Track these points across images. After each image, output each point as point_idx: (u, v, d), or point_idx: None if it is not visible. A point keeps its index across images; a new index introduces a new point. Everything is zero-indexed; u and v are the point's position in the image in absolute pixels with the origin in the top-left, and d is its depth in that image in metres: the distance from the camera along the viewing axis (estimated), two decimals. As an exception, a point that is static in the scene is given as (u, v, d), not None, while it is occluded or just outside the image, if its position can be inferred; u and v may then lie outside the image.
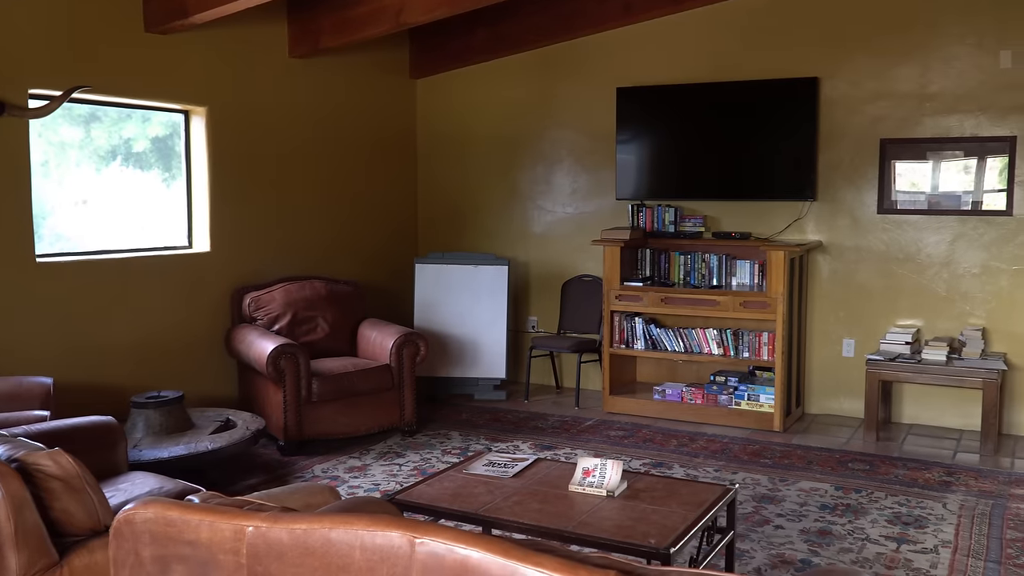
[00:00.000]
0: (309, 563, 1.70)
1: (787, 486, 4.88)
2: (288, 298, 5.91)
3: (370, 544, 1.66)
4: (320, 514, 1.78)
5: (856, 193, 6.23)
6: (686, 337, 6.33)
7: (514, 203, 7.45)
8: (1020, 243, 5.80)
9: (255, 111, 6.15)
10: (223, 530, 1.78)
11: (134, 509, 1.88)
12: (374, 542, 1.65)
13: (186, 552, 1.82)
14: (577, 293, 7.06)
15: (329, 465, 5.25)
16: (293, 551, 1.72)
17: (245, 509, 1.85)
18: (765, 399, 6.04)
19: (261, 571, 1.74)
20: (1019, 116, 5.75)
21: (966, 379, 5.58)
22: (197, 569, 1.80)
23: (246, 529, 1.77)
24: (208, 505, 1.87)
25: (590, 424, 6.19)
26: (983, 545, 4.06)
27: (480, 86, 7.47)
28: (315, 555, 1.69)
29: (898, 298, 6.16)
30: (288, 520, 1.75)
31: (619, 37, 6.85)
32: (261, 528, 1.76)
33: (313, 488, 2.74)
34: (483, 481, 3.56)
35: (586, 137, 7.09)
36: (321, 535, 1.70)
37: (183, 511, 1.83)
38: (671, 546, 2.90)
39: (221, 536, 1.78)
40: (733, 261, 6.38)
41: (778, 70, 6.31)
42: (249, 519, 1.78)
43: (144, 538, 1.86)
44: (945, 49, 5.91)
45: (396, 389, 5.79)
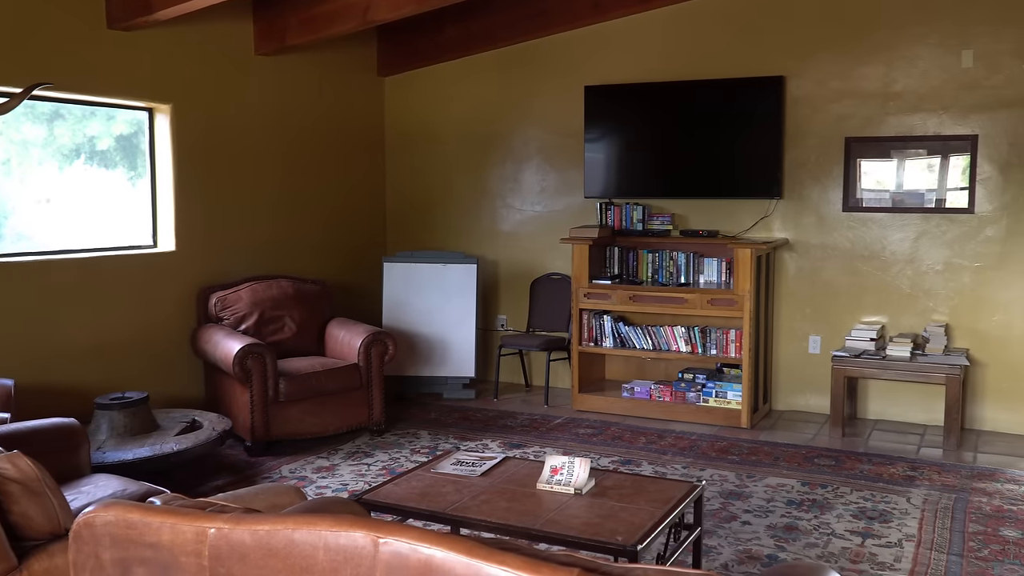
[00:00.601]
0: (272, 564, 1.68)
1: (754, 482, 4.91)
2: (255, 297, 5.86)
3: (334, 544, 1.65)
4: (283, 515, 1.76)
5: (822, 191, 6.28)
6: (654, 335, 6.36)
7: (483, 201, 7.44)
8: (982, 240, 5.88)
9: (220, 109, 6.09)
10: (185, 532, 1.76)
11: (94, 512, 1.85)
12: (338, 542, 1.64)
13: (147, 555, 1.80)
14: (546, 291, 7.07)
15: (297, 465, 5.22)
16: (256, 552, 1.70)
17: (207, 511, 1.83)
18: (733, 396, 6.08)
19: (224, 573, 1.72)
20: (980, 115, 5.84)
21: (930, 375, 5.65)
22: (159, 572, 1.78)
23: (208, 531, 1.75)
24: (170, 507, 1.85)
25: (559, 422, 6.20)
26: (946, 538, 4.12)
27: (448, 84, 7.45)
28: (278, 556, 1.68)
29: (863, 295, 6.23)
30: (251, 521, 1.73)
31: (588, 35, 6.87)
32: (223, 530, 1.74)
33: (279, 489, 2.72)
34: (451, 480, 3.55)
35: (555, 135, 7.10)
36: (284, 536, 1.69)
37: (144, 513, 1.81)
38: (638, 543, 2.91)
39: (183, 538, 1.77)
40: (701, 259, 6.42)
41: (745, 69, 6.35)
42: (211, 521, 1.76)
43: (104, 541, 1.83)
44: (908, 49, 5.98)
45: (364, 388, 5.77)
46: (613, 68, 6.79)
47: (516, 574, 1.51)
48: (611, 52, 6.81)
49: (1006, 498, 4.64)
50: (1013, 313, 5.83)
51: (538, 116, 7.17)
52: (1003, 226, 5.83)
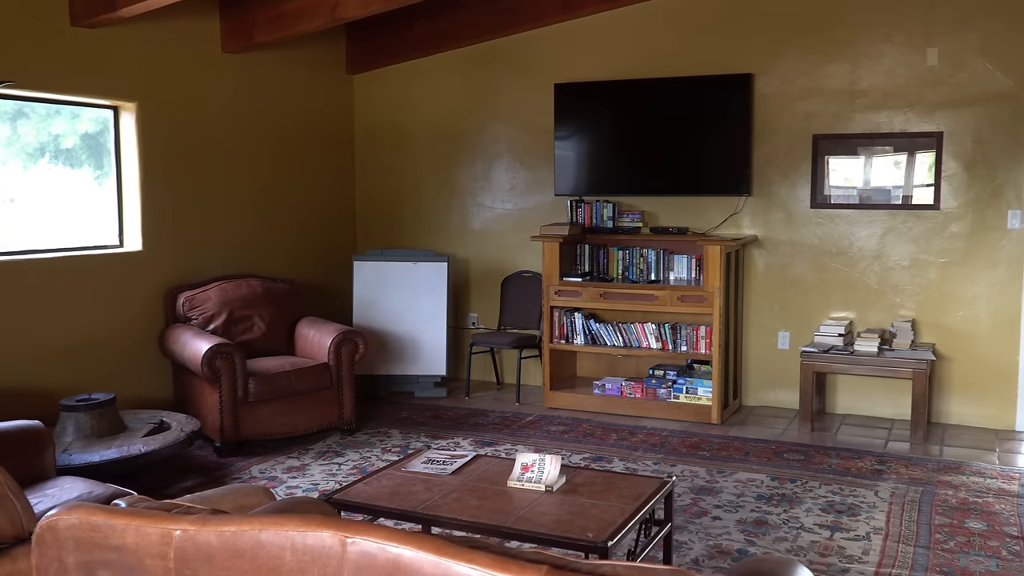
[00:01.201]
0: (239, 566, 1.67)
1: (724, 477, 4.94)
2: (223, 297, 5.81)
3: (301, 545, 1.64)
4: (250, 516, 1.75)
5: (790, 188, 6.33)
6: (625, 332, 6.38)
7: (453, 199, 7.42)
8: (947, 236, 5.96)
9: (187, 107, 6.03)
10: (150, 534, 1.74)
11: (57, 515, 1.83)
12: (305, 543, 1.63)
13: (112, 558, 1.77)
14: (517, 289, 7.07)
15: (267, 466, 5.18)
16: (222, 554, 1.68)
17: (173, 512, 1.81)
18: (703, 392, 6.11)
19: (190, 575, 1.71)
20: (945, 112, 5.91)
21: (897, 370, 5.72)
22: (123, 575, 1.76)
23: (173, 533, 1.73)
24: (134, 509, 1.83)
25: (531, 420, 6.20)
26: (912, 531, 4.16)
27: (418, 81, 7.42)
28: (245, 557, 1.66)
29: (831, 291, 6.28)
30: (217, 523, 1.72)
31: (557, 33, 6.87)
32: (189, 531, 1.72)
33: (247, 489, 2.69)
34: (421, 479, 3.54)
35: (525, 133, 7.10)
36: (251, 537, 1.68)
37: (108, 516, 1.79)
38: (608, 540, 2.92)
39: (148, 540, 1.75)
40: (670, 256, 6.44)
41: (713, 66, 6.39)
42: (177, 522, 1.74)
43: (68, 544, 1.81)
44: (874, 47, 6.04)
45: (335, 388, 5.74)
46: (582, 66, 6.80)
47: (485, 572, 1.51)
48: (580, 50, 6.82)
49: (971, 490, 4.71)
50: (978, 308, 5.91)
51: (508, 114, 7.16)
52: (968, 222, 5.90)
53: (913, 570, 3.74)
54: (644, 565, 1.58)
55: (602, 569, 1.55)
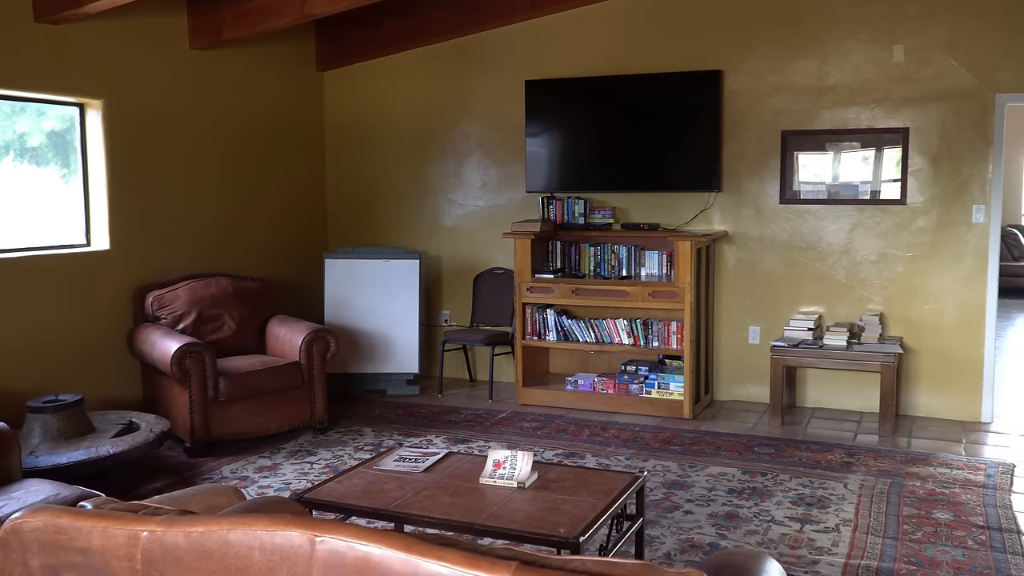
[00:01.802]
0: (207, 566, 1.66)
1: (696, 472, 4.98)
2: (193, 296, 5.76)
3: (269, 544, 1.63)
4: (218, 516, 1.74)
5: (760, 184, 6.38)
6: (597, 328, 6.40)
7: (425, 197, 7.41)
8: (914, 231, 6.03)
9: (155, 104, 5.97)
10: (116, 536, 1.73)
11: (21, 518, 1.81)
12: (273, 542, 1.63)
13: (78, 560, 1.76)
14: (489, 286, 7.07)
15: (238, 466, 5.15)
16: (190, 555, 1.67)
17: (140, 514, 1.80)
18: (675, 387, 6.15)
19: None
20: (912, 108, 5.97)
21: (865, 363, 5.78)
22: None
23: (140, 534, 1.72)
24: (101, 511, 1.81)
25: (504, 416, 6.21)
26: (881, 522, 4.21)
27: (389, 79, 7.40)
28: (213, 558, 1.65)
29: (801, 286, 6.34)
30: (184, 523, 1.71)
31: (527, 30, 6.87)
32: (156, 532, 1.71)
33: (216, 490, 2.68)
34: (393, 477, 3.53)
35: (496, 130, 7.10)
36: (219, 537, 1.67)
37: (74, 518, 1.77)
38: (580, 535, 2.93)
39: (114, 542, 1.73)
40: (642, 252, 6.47)
41: (683, 63, 6.42)
42: (144, 524, 1.73)
43: (33, 547, 1.79)
44: (841, 43, 6.10)
45: (306, 386, 5.71)
46: (553, 62, 6.80)
47: (455, 570, 1.51)
48: (551, 46, 6.83)
49: (939, 481, 4.77)
50: (944, 302, 5.98)
51: (479, 111, 7.16)
52: (934, 216, 5.98)
53: (882, 561, 3.78)
54: (613, 560, 1.59)
55: (571, 565, 1.55)
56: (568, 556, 1.69)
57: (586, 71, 6.68)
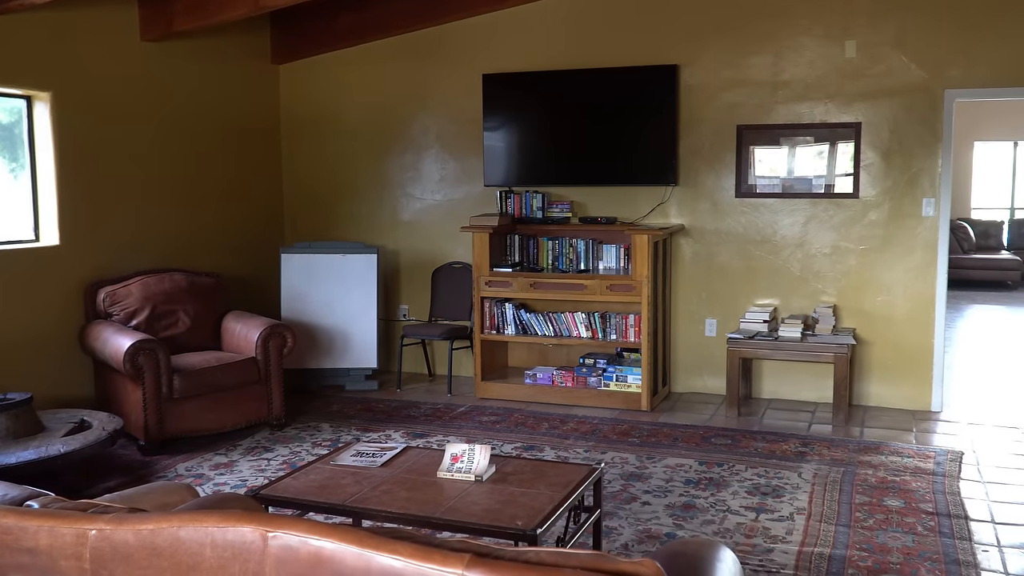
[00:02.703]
0: (157, 564, 1.64)
1: (654, 463, 5.01)
2: (146, 292, 5.68)
3: (221, 541, 1.62)
4: (169, 513, 1.72)
5: (716, 178, 6.43)
6: (555, 321, 6.42)
7: (383, 191, 7.37)
8: (866, 224, 6.12)
9: (105, 97, 5.87)
10: (64, 535, 1.70)
11: (-34, 518, 1.77)
12: (225, 538, 1.61)
13: (24, 561, 1.73)
14: (448, 280, 7.05)
15: (193, 463, 5.09)
16: (140, 553, 1.65)
17: (89, 512, 1.77)
18: (633, 380, 6.19)
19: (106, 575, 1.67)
20: (864, 103, 6.06)
21: (819, 354, 5.86)
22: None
23: (89, 533, 1.69)
24: (48, 510, 1.78)
25: (462, 410, 6.20)
26: (834, 510, 4.28)
27: (345, 72, 7.34)
28: (163, 555, 1.63)
29: (756, 278, 6.40)
30: (134, 521, 1.68)
31: (485, 23, 6.86)
32: (105, 531, 1.69)
33: (169, 487, 2.64)
34: (351, 472, 3.52)
35: (454, 124, 7.08)
36: (169, 534, 1.65)
37: (20, 518, 1.74)
38: (538, 527, 2.94)
39: (62, 541, 1.71)
40: (599, 246, 6.50)
41: (640, 57, 6.45)
42: (92, 522, 1.71)
43: (-23, 548, 1.76)
44: (795, 39, 6.16)
45: (263, 382, 5.66)
46: (511, 56, 6.80)
47: (407, 563, 1.51)
48: (508, 40, 6.82)
49: (890, 470, 4.85)
50: (895, 293, 6.08)
51: (437, 104, 7.13)
52: (885, 210, 6.07)
53: (834, 548, 3.84)
54: (567, 551, 1.60)
55: (525, 556, 1.56)
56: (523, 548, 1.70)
57: (544, 65, 6.68)
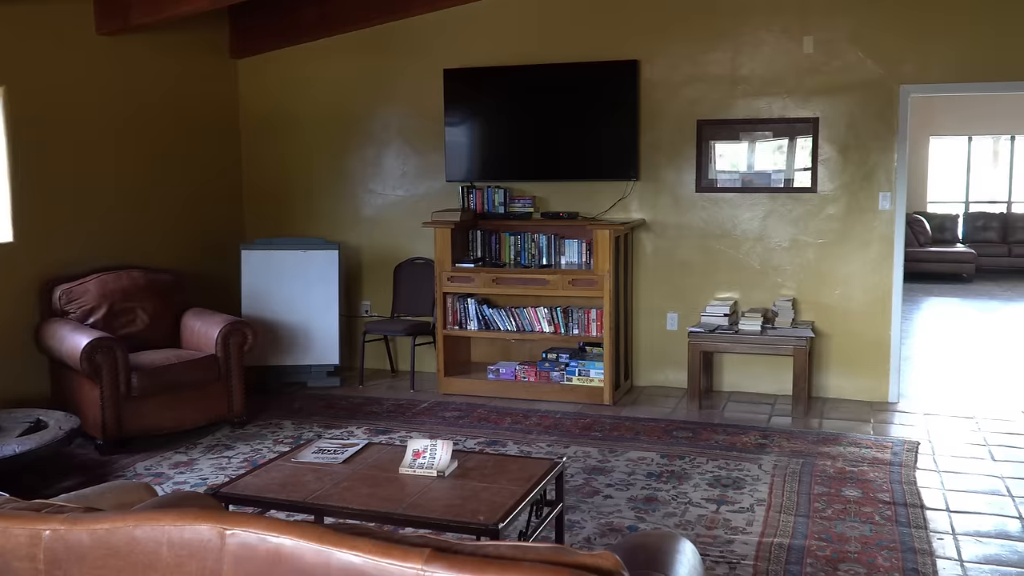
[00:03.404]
0: (113, 564, 1.62)
1: (616, 457, 5.04)
2: (103, 289, 5.61)
3: (178, 539, 1.60)
4: (124, 512, 1.70)
5: (676, 172, 6.47)
6: (518, 316, 6.43)
7: (344, 186, 7.33)
8: (824, 218, 6.19)
9: (60, 91, 5.77)
10: (17, 536, 1.68)
11: (-85, 520, 1.74)
12: (182, 537, 1.60)
13: (-24, 562, 1.70)
14: (410, 276, 7.03)
15: (153, 462, 5.03)
16: (95, 552, 1.64)
17: (43, 512, 1.75)
18: (595, 374, 6.21)
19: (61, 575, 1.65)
20: (821, 98, 6.13)
21: (779, 347, 5.93)
22: (-11, 579, 1.69)
23: (43, 533, 1.67)
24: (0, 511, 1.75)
25: (425, 406, 6.19)
26: (794, 501, 4.33)
27: (306, 66, 7.28)
28: (119, 555, 1.62)
29: (717, 272, 6.46)
30: (89, 521, 1.66)
31: (446, 18, 6.84)
32: (59, 531, 1.67)
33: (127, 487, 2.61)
34: (312, 469, 3.50)
35: (415, 119, 7.05)
36: (125, 534, 1.63)
37: (-29, 519, 1.71)
38: (500, 521, 2.95)
39: (15, 542, 1.68)
40: (561, 241, 6.51)
41: (601, 53, 6.47)
42: (46, 523, 1.68)
43: (-72, 550, 1.72)
44: (753, 35, 6.22)
45: (223, 380, 5.61)
46: (472, 51, 6.78)
47: (367, 558, 1.51)
48: (470, 35, 6.81)
49: (848, 460, 4.92)
50: (853, 286, 6.17)
51: (398, 99, 7.10)
52: (843, 204, 6.15)
53: (793, 538, 3.89)
54: (526, 544, 1.61)
55: (484, 550, 1.56)
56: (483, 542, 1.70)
57: (506, 60, 6.68)
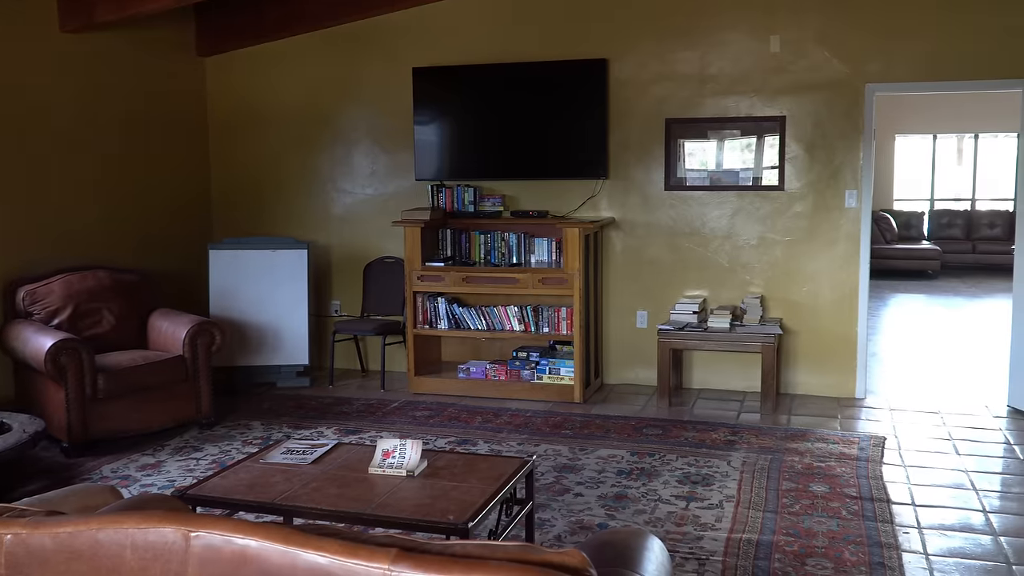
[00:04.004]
0: (76, 568, 1.61)
1: (586, 455, 5.06)
2: (68, 290, 5.54)
3: (142, 542, 1.59)
4: (88, 516, 1.68)
5: (645, 171, 6.50)
6: (488, 315, 6.43)
7: (313, 185, 7.29)
8: (791, 216, 6.25)
9: (24, 89, 5.69)
10: (-23, 540, 1.65)
11: None
12: (146, 540, 1.59)
13: (-64, 568, 1.67)
14: (380, 275, 7.01)
15: (119, 464, 4.98)
16: (57, 556, 1.62)
17: (4, 516, 1.72)
18: (565, 372, 6.23)
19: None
20: (788, 97, 6.18)
21: (747, 344, 5.97)
22: (-51, 585, 1.67)
23: (4, 537, 1.65)
24: (-40, 515, 1.73)
25: (396, 406, 6.18)
26: (762, 497, 4.37)
27: (275, 65, 7.23)
28: (82, 559, 1.60)
29: (686, 270, 6.50)
30: (51, 524, 1.64)
31: (415, 16, 6.82)
32: (21, 535, 1.64)
33: (91, 490, 2.58)
34: (280, 469, 3.48)
35: (384, 117, 7.03)
36: (88, 537, 1.61)
37: (-70, 523, 1.68)
38: (469, 520, 2.94)
39: (-24, 547, 1.66)
40: (531, 239, 6.52)
41: (570, 51, 6.48)
42: (7, 527, 1.66)
43: None
44: (721, 34, 6.26)
45: (191, 381, 5.56)
46: (442, 50, 6.77)
47: (333, 559, 1.50)
48: (439, 34, 6.79)
49: (815, 456, 4.97)
50: (820, 283, 6.23)
51: (367, 98, 7.07)
52: (810, 202, 6.21)
53: (762, 534, 3.93)
54: (493, 543, 1.61)
55: (451, 549, 1.56)
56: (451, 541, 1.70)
57: (475, 59, 6.67)
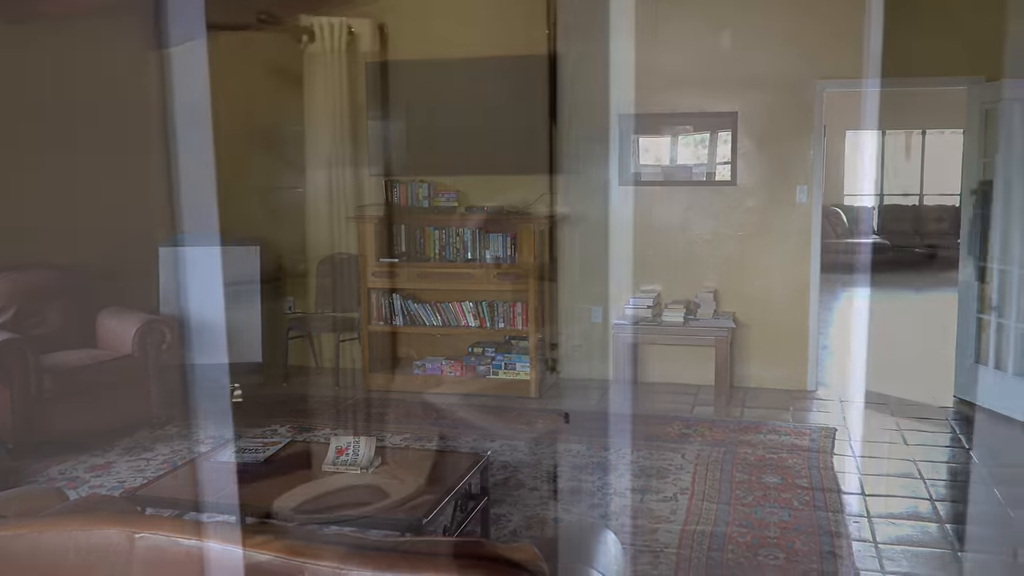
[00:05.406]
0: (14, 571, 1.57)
1: (542, 449, 5.06)
2: (12, 289, 5.42)
3: (85, 544, 1.56)
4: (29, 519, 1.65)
5: (599, 167, 6.51)
6: (443, 311, 6.41)
7: (265, 181, 7.20)
8: (744, 211, 6.31)
9: (-37, 83, 5.56)
10: (-88, 546, 1.61)
11: None
12: (89, 542, 1.56)
13: None
14: (333, 271, 6.95)
15: (67, 466, 4.88)
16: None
17: (-60, 520, 1.68)
18: (521, 367, 6.23)
19: (-41, 586, 1.59)
20: (740, 93, 6.23)
21: (701, 338, 6.02)
22: None
23: (-61, 542, 1.60)
24: None
25: (351, 403, 6.14)
26: (716, 489, 4.41)
27: (229, 59, 7.11)
28: (20, 562, 1.56)
29: (640, 265, 6.52)
30: (-11, 528, 1.60)
31: (369, 12, 6.76)
32: (-43, 539, 1.60)
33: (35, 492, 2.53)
34: (232, 468, 3.43)
35: (338, 113, 6.95)
36: (29, 540, 1.58)
37: None
38: (423, 517, 2.93)
39: (-90, 552, 1.61)
40: (486, 235, 6.50)
41: (522, 46, 6.47)
42: (-57, 531, 1.61)
43: None
44: (673, 28, 6.29)
45: (141, 380, 5.47)
46: (394, 45, 6.72)
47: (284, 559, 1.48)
48: (392, 28, 6.74)
49: (768, 448, 5.03)
50: (772, 278, 6.30)
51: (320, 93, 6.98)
52: (762, 197, 6.27)
53: (716, 525, 3.96)
54: (445, 538, 1.60)
55: (403, 546, 1.55)
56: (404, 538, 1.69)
57: (428, 54, 6.64)
